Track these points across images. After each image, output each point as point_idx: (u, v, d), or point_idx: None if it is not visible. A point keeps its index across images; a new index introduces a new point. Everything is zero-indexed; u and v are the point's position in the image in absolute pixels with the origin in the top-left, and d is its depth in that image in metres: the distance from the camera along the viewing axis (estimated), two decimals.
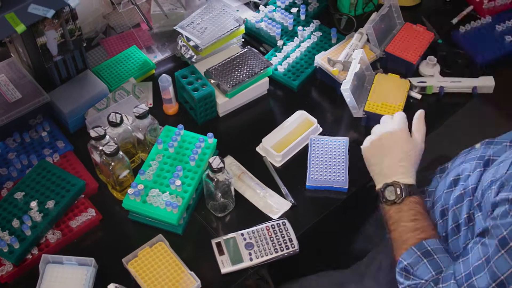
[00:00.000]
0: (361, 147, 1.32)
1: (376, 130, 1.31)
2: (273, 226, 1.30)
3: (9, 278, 1.25)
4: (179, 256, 1.25)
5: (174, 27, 1.59)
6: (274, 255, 1.27)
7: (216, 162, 1.24)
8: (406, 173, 1.22)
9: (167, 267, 1.23)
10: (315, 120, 1.48)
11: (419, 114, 1.29)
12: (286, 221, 1.31)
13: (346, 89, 1.44)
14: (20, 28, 1.07)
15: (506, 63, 1.63)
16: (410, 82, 1.53)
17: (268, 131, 1.46)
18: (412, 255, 1.10)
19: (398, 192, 1.18)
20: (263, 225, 1.31)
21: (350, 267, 1.40)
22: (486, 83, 1.54)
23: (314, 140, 1.44)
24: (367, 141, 1.30)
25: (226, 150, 1.43)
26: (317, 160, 1.41)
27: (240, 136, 1.51)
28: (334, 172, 1.38)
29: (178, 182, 1.29)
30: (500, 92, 1.55)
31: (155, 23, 1.68)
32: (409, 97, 1.54)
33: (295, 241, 1.28)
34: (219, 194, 1.31)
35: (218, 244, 1.29)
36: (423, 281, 1.06)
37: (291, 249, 1.27)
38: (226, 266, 1.25)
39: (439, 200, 1.21)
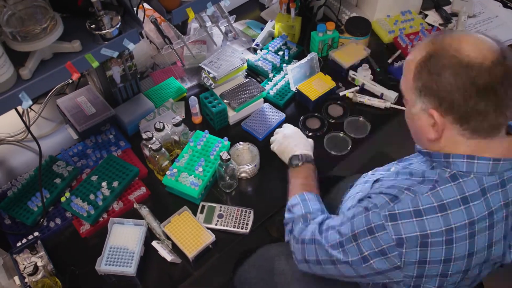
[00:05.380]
0: (271, 140, 1.36)
1: (280, 131, 1.36)
2: (242, 211, 1.29)
3: (88, 234, 1.27)
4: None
5: (199, 64, 1.60)
6: (231, 229, 1.25)
7: (224, 155, 1.25)
8: (306, 149, 1.26)
9: (191, 228, 1.23)
10: None
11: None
12: (252, 211, 1.29)
13: (289, 69, 1.56)
14: (95, 64, 1.08)
15: None
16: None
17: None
18: (294, 200, 1.12)
19: (300, 158, 1.22)
20: (237, 207, 1.29)
21: None
22: (389, 94, 1.55)
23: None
24: (272, 138, 1.36)
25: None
26: None
27: (243, 137, 1.50)
28: None
29: (200, 169, 1.30)
30: None
31: (187, 61, 1.69)
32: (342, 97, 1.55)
33: (249, 227, 1.25)
34: (227, 177, 1.31)
35: (203, 206, 1.29)
36: (295, 216, 1.09)
37: (243, 230, 1.25)
38: (198, 222, 1.25)
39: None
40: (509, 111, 0.82)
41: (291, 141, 1.29)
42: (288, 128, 1.36)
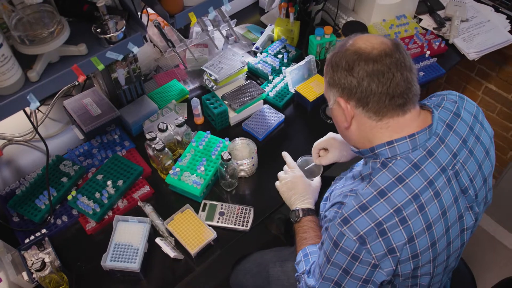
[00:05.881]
0: (276, 185, 1.28)
1: (284, 178, 1.27)
2: (242, 209, 1.28)
3: (93, 231, 1.27)
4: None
5: (201, 67, 1.60)
6: (232, 226, 1.25)
7: (226, 155, 1.25)
8: (304, 202, 1.21)
9: (193, 225, 1.24)
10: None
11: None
12: (252, 209, 1.29)
13: (287, 71, 1.56)
14: (101, 67, 1.08)
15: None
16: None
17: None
18: (298, 256, 1.12)
19: (297, 215, 1.18)
20: (237, 205, 1.29)
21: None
22: None
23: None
24: (278, 185, 1.27)
25: None
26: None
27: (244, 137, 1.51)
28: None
29: (202, 168, 1.30)
30: None
31: (189, 64, 1.69)
32: None
33: (249, 224, 1.25)
34: (228, 176, 1.31)
35: (205, 204, 1.29)
36: (300, 273, 1.08)
37: (244, 227, 1.25)
38: (200, 219, 1.25)
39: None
40: (407, 93, 0.88)
41: (292, 194, 1.23)
42: (292, 176, 1.26)
